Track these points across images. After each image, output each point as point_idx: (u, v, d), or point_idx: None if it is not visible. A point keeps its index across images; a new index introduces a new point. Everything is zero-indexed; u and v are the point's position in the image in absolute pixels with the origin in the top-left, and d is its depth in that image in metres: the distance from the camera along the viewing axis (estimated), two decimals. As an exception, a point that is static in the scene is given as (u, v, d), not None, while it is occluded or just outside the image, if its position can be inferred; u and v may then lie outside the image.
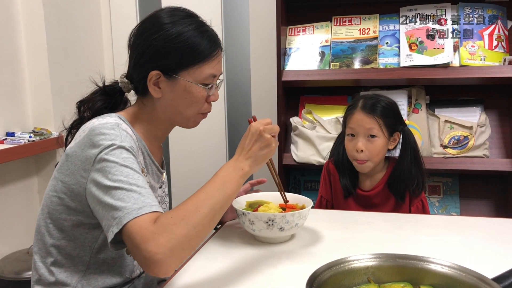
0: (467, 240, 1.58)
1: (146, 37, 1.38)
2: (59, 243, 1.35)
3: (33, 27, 2.68)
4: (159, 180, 1.53)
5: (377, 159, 1.90)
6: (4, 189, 2.60)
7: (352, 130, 1.90)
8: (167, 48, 1.35)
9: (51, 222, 1.35)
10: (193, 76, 1.37)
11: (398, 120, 1.93)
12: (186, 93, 1.38)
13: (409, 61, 2.41)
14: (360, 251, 1.25)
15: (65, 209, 1.32)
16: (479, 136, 2.38)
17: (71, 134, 1.46)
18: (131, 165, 1.20)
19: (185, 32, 1.36)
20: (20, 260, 2.52)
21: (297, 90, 2.73)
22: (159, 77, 1.36)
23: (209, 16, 1.49)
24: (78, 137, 1.30)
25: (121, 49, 3.25)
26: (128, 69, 1.46)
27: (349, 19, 2.61)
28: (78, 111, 1.48)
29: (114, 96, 1.49)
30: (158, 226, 1.08)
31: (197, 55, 1.36)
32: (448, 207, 2.48)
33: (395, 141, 1.93)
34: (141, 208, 1.10)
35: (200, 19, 1.43)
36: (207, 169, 3.25)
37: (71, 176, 1.28)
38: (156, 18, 1.40)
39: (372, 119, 1.85)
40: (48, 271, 1.36)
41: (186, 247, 1.10)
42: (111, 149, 1.21)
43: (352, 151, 1.90)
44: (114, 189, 1.14)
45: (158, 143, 1.53)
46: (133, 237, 1.07)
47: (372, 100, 1.89)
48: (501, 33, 2.39)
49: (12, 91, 2.64)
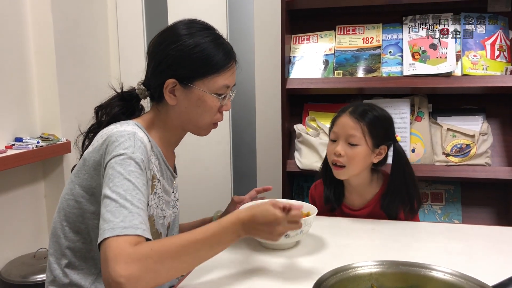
0: (469, 248, 1.60)
1: (164, 47, 1.43)
2: (74, 246, 1.40)
3: (41, 35, 2.72)
4: (172, 185, 1.58)
5: (355, 167, 1.79)
6: (12, 194, 2.63)
7: (334, 134, 1.83)
8: (184, 58, 1.40)
9: (67, 224, 1.39)
10: (208, 86, 1.43)
11: (388, 134, 1.84)
12: (200, 102, 1.44)
13: (412, 70, 2.43)
14: (363, 257, 1.28)
15: (82, 212, 1.37)
16: (481, 144, 2.40)
17: (88, 138, 1.51)
18: (134, 179, 1.22)
19: (202, 43, 1.41)
20: (26, 264, 2.55)
21: (301, 98, 2.75)
22: (175, 85, 1.42)
23: (214, 25, 1.53)
24: (96, 142, 1.36)
25: (127, 57, 3.29)
26: (145, 77, 1.51)
27: (353, 28, 2.63)
28: (96, 115, 1.52)
29: (131, 102, 1.53)
30: (134, 252, 1.08)
31: (212, 66, 1.42)
32: (450, 214, 2.49)
33: (381, 155, 1.83)
34: (126, 228, 1.11)
35: (217, 32, 1.48)
36: (211, 175, 3.28)
37: (90, 179, 1.34)
38: (175, 29, 1.45)
39: (356, 124, 1.77)
40: (63, 273, 1.40)
41: (151, 283, 1.10)
42: (122, 158, 1.24)
43: (331, 154, 1.81)
44: (110, 199, 1.17)
45: (172, 149, 1.58)
46: (108, 252, 1.07)
47: (364, 107, 1.82)
48: (503, 43, 2.41)
49: (20, 97, 2.68)
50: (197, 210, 2.49)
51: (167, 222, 1.56)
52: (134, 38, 3.29)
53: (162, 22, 3.18)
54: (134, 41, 3.29)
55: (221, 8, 3.13)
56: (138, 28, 3.26)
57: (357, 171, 1.82)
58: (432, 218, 2.50)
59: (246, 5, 3.11)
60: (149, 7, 3.25)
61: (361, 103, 1.89)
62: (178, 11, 3.17)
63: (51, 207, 2.89)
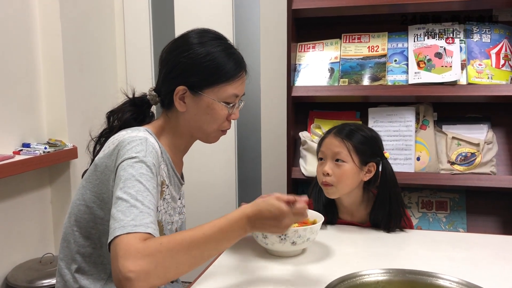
0: (473, 257, 1.61)
1: (176, 54, 1.46)
2: (84, 251, 1.42)
3: (50, 43, 2.76)
4: (179, 191, 1.60)
5: (344, 186, 1.80)
6: (18, 199, 2.66)
7: (322, 153, 1.85)
8: (195, 66, 1.43)
9: (78, 230, 1.41)
10: (217, 94, 1.45)
11: (375, 152, 1.85)
12: (208, 109, 1.46)
13: (417, 79, 2.45)
14: (370, 265, 1.30)
15: (93, 218, 1.39)
16: (486, 153, 2.41)
17: (99, 143, 1.54)
18: (145, 182, 1.23)
19: (213, 52, 1.44)
20: (32, 269, 2.56)
21: (306, 105, 2.77)
22: (185, 92, 1.44)
23: (221, 33, 1.56)
24: (107, 148, 1.38)
25: (134, 65, 3.31)
26: (157, 83, 1.54)
27: (358, 37, 2.65)
28: (108, 120, 1.54)
29: (142, 108, 1.56)
30: (144, 247, 1.08)
31: (222, 75, 1.44)
32: (455, 223, 2.50)
33: (370, 173, 1.84)
34: (137, 226, 1.12)
35: (228, 42, 1.51)
36: (216, 182, 3.29)
37: (101, 185, 1.36)
38: (187, 37, 1.47)
39: (341, 143, 1.80)
40: (73, 278, 1.42)
41: (161, 277, 1.10)
42: (134, 161, 1.26)
43: (320, 174, 1.83)
44: (121, 200, 1.18)
45: (181, 156, 1.61)
46: (118, 249, 1.08)
47: (350, 127, 1.85)
48: (508, 52, 2.43)
49: (28, 103, 2.71)
50: (202, 217, 2.50)
51: (175, 228, 1.58)
52: (141, 47, 3.32)
53: (168, 30, 3.22)
54: (141, 49, 3.32)
55: (227, 16, 3.15)
56: (145, 36, 3.29)
57: (346, 189, 1.83)
58: (437, 226, 2.51)
59: (252, 13, 3.13)
60: (156, 15, 3.27)
61: (347, 124, 1.91)
62: (185, 19, 3.20)
63: (57, 213, 2.91)
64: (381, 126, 2.54)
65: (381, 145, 1.89)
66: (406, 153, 2.49)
